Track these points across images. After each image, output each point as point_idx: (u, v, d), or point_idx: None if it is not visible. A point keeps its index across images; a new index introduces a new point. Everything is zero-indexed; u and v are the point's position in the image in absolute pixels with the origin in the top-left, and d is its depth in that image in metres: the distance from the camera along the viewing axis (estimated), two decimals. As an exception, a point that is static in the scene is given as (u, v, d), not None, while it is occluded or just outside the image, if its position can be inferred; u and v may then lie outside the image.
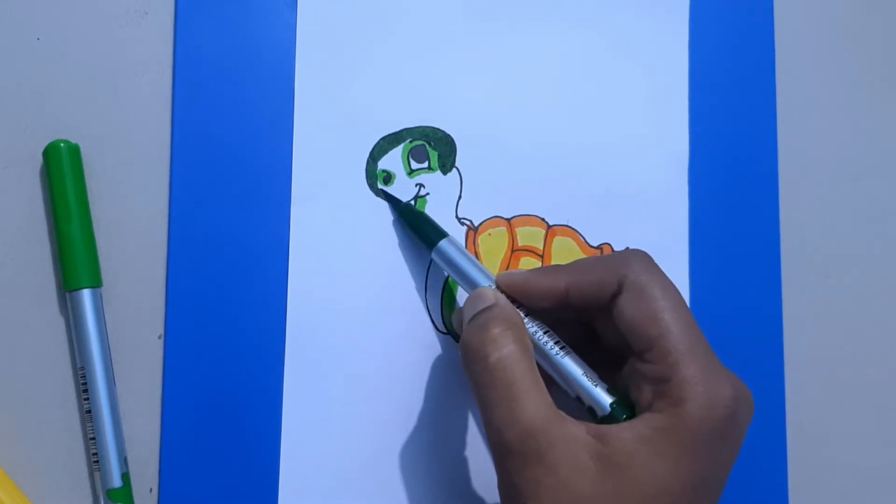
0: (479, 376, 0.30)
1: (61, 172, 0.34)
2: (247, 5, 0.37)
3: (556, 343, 0.32)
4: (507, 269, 0.37)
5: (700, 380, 0.28)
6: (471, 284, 0.33)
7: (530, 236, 0.37)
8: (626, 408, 0.30)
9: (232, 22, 0.37)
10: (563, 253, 0.37)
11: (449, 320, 0.36)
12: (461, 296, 0.37)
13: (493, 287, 0.33)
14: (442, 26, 0.38)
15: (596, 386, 0.31)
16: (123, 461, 0.34)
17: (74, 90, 0.36)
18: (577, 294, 0.31)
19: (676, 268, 0.38)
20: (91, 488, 0.34)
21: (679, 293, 0.30)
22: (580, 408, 0.31)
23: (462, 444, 0.36)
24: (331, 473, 0.35)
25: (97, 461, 0.33)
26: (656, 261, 0.32)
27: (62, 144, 0.34)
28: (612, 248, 0.38)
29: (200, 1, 0.37)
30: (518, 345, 0.30)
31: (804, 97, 0.40)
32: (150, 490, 0.34)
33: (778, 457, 0.38)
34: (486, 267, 0.34)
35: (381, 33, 0.38)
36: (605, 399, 0.31)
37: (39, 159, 0.35)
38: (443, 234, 0.35)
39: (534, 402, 0.28)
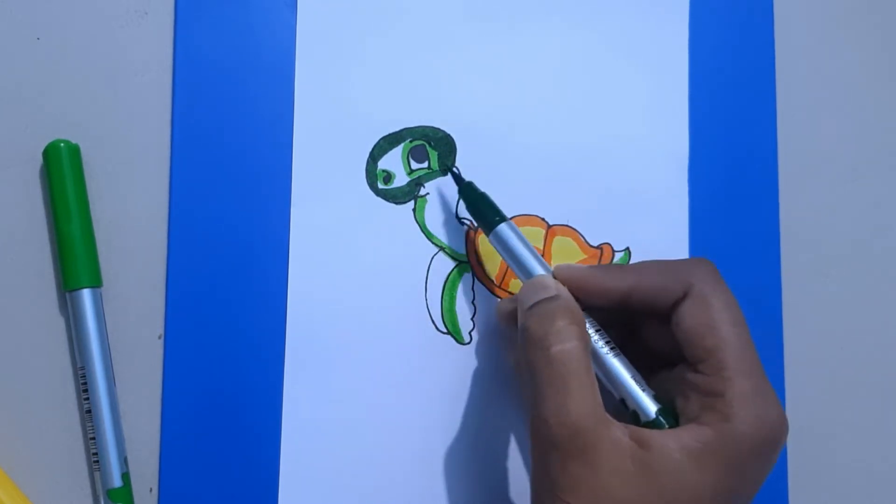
0: (537, 365, 0.30)
1: (61, 172, 0.34)
2: (247, 5, 0.37)
3: (606, 343, 0.31)
4: (506, 269, 0.37)
5: (752, 400, 0.28)
6: (527, 272, 0.33)
7: (530, 236, 0.37)
8: (671, 416, 0.30)
9: (232, 22, 0.37)
10: (564, 253, 0.37)
11: (448, 320, 0.36)
12: (461, 296, 0.37)
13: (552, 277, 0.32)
14: (442, 26, 0.38)
15: (643, 391, 0.31)
16: (123, 461, 0.34)
17: (74, 90, 0.36)
18: (638, 297, 0.31)
19: (676, 268, 0.38)
20: (91, 488, 0.34)
21: (740, 309, 0.30)
22: (623, 410, 0.31)
23: (462, 443, 0.36)
24: (330, 473, 0.35)
25: (97, 461, 0.33)
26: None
27: (62, 144, 0.34)
28: (611, 248, 0.38)
29: (200, 1, 0.37)
30: (580, 341, 0.30)
31: (804, 97, 0.40)
32: (150, 490, 0.34)
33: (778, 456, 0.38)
34: (487, 267, 0.34)
35: (381, 33, 0.38)
36: (651, 405, 0.30)
37: (39, 159, 0.35)
38: (503, 218, 0.34)
39: (586, 400, 0.28)
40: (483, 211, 0.34)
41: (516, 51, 0.38)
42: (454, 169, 0.36)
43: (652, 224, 0.38)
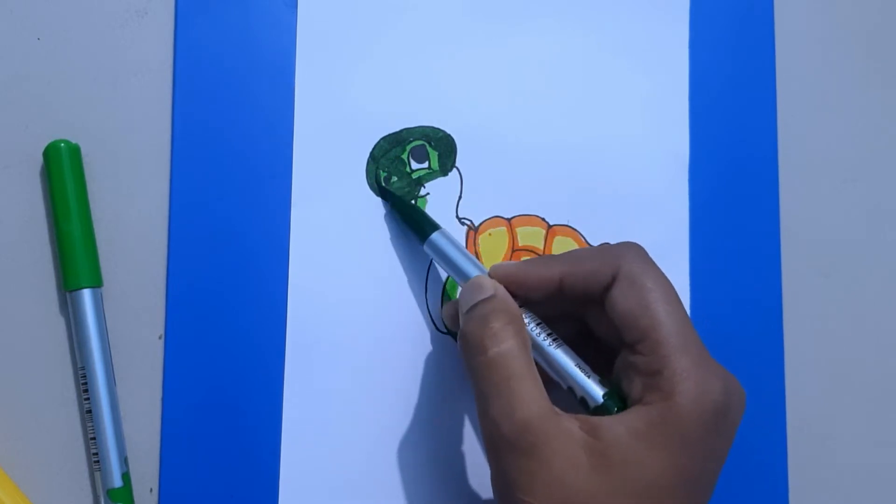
0: (477, 369, 0.30)
1: (61, 172, 0.34)
2: (247, 5, 0.37)
3: (548, 335, 0.32)
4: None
5: (691, 373, 0.29)
6: (464, 276, 0.33)
7: (530, 236, 0.37)
8: (618, 399, 0.30)
9: (232, 22, 0.37)
10: (564, 253, 0.37)
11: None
12: (461, 296, 0.37)
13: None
14: (442, 26, 0.38)
15: (588, 377, 0.31)
16: (123, 461, 0.34)
17: (74, 90, 0.36)
18: (570, 284, 0.31)
19: (676, 268, 0.38)
20: (91, 488, 0.34)
21: (672, 286, 0.30)
22: (572, 400, 0.31)
23: (461, 443, 0.36)
24: (331, 473, 0.35)
25: (97, 461, 0.33)
26: (656, 260, 0.32)
27: (62, 144, 0.34)
28: (612, 248, 0.38)
29: (200, 1, 0.37)
30: (517, 339, 0.30)
31: (804, 97, 0.40)
32: (150, 490, 0.34)
33: (778, 457, 0.38)
34: (487, 267, 0.34)
35: (381, 33, 0.38)
36: (598, 390, 0.31)
37: (39, 159, 0.35)
38: (435, 227, 0.34)
39: (530, 397, 0.29)
40: (417, 221, 0.35)
41: (517, 51, 0.38)
42: (384, 185, 0.36)
43: (652, 224, 0.38)
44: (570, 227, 0.38)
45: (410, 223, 0.35)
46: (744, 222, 0.39)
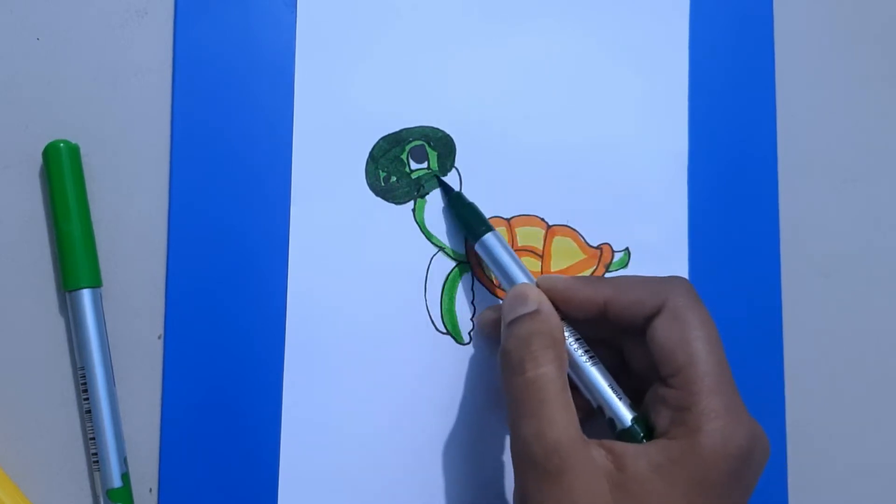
0: (515, 388, 0.30)
1: (61, 172, 0.34)
2: (247, 5, 0.37)
3: (585, 352, 0.32)
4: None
5: (720, 414, 0.29)
6: (510, 281, 0.33)
7: (530, 236, 0.37)
8: (646, 426, 0.31)
9: (232, 22, 0.37)
10: (563, 253, 0.37)
11: (448, 320, 0.36)
12: (461, 296, 0.37)
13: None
14: (442, 27, 0.38)
15: (620, 399, 0.31)
16: (123, 461, 0.34)
17: (74, 90, 0.36)
18: (615, 309, 0.31)
19: (676, 267, 0.38)
20: (91, 488, 0.34)
21: (715, 327, 0.31)
22: (601, 419, 0.31)
23: (461, 443, 0.36)
24: (330, 473, 0.35)
25: (97, 461, 0.33)
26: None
27: (62, 144, 0.34)
28: (611, 248, 0.38)
29: (200, 1, 0.37)
30: (556, 364, 0.30)
31: (804, 97, 0.40)
32: (150, 490, 0.34)
33: (778, 457, 0.38)
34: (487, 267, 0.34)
35: (380, 33, 0.38)
36: (627, 413, 0.31)
37: (39, 159, 0.35)
38: (489, 228, 0.35)
39: (563, 422, 0.29)
40: (470, 221, 0.35)
41: (516, 50, 0.38)
42: (442, 178, 0.37)
43: (652, 224, 0.38)
44: (569, 227, 0.38)
45: (464, 221, 0.36)
46: (743, 222, 0.39)
